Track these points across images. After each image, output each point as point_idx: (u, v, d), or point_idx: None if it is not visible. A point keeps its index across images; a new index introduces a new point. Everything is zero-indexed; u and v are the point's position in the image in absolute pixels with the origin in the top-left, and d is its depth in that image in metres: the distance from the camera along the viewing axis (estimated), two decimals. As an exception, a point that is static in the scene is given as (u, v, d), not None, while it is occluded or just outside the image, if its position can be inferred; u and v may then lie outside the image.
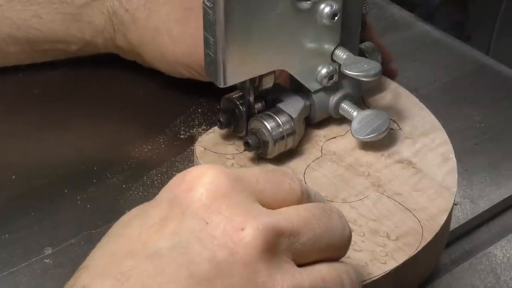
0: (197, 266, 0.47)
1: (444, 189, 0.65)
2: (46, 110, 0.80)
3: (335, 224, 0.52)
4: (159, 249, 0.48)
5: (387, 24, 0.94)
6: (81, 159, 0.75)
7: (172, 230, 0.48)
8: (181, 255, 0.48)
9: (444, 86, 0.84)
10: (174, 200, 0.50)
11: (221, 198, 0.49)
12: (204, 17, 0.62)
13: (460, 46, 0.91)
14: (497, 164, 0.76)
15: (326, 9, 0.65)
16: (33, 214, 0.70)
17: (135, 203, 0.69)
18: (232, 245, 0.48)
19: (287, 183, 0.52)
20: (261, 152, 0.67)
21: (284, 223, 0.49)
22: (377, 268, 0.59)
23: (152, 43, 0.77)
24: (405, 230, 0.62)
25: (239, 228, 0.48)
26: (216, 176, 0.50)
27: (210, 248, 0.48)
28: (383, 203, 0.64)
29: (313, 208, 0.52)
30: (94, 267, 0.49)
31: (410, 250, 0.60)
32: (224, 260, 0.47)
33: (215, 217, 0.48)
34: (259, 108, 0.68)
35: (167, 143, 0.76)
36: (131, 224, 0.50)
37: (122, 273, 0.47)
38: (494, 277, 0.67)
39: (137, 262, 0.48)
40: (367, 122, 0.68)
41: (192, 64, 0.76)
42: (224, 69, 0.63)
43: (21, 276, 0.65)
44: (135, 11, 0.77)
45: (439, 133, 0.70)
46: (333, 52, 0.67)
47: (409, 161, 0.68)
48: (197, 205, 0.49)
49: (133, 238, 0.49)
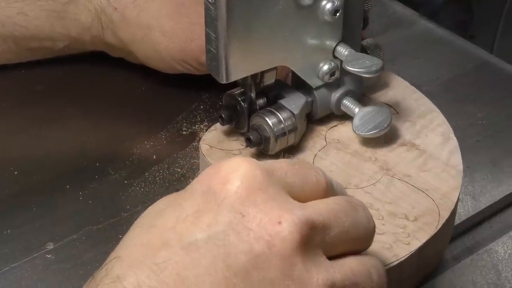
0: (234, 258, 0.48)
1: (451, 168, 0.67)
2: (48, 106, 0.80)
3: (361, 217, 0.53)
4: (195, 241, 0.48)
5: (390, 21, 0.94)
6: (83, 155, 0.75)
7: (207, 222, 0.49)
8: (217, 247, 0.48)
9: (447, 84, 0.84)
10: (209, 192, 0.50)
11: (256, 191, 0.49)
12: (206, 13, 0.62)
13: (463, 43, 0.91)
14: (499, 161, 0.76)
15: (327, 5, 0.65)
16: (35, 210, 0.70)
17: (137, 199, 0.70)
18: (269, 238, 0.48)
19: (313, 175, 0.53)
20: (263, 148, 0.67)
21: (316, 217, 0.50)
22: (402, 249, 0.60)
23: (145, 40, 0.77)
24: (422, 210, 0.63)
25: (275, 221, 0.48)
26: (251, 169, 0.50)
27: (246, 240, 0.48)
28: (395, 185, 0.65)
29: (341, 201, 0.52)
30: (127, 258, 0.49)
31: (430, 229, 0.62)
32: (261, 252, 0.48)
33: (251, 210, 0.49)
34: (260, 104, 0.68)
35: (169, 139, 0.77)
36: (163, 216, 0.50)
37: (157, 264, 0.48)
38: (495, 274, 0.67)
39: (172, 253, 0.48)
40: (368, 118, 0.68)
41: (187, 58, 0.76)
42: (225, 65, 0.63)
43: (23, 271, 0.65)
44: (124, 9, 0.77)
45: (435, 114, 0.71)
46: (335, 49, 0.67)
47: (412, 143, 0.69)
48: (233, 197, 0.49)
49: (167, 230, 0.49)
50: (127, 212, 0.70)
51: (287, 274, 0.48)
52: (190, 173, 0.73)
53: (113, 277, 0.48)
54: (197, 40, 0.75)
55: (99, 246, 0.67)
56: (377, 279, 0.53)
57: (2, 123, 0.79)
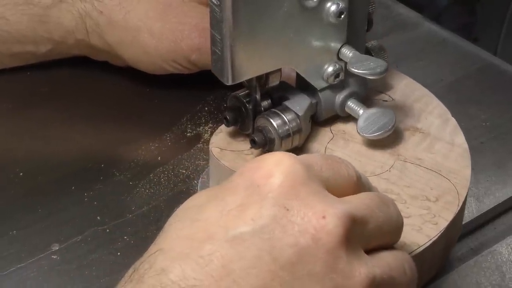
0: (280, 251, 0.48)
1: (457, 147, 0.68)
2: (53, 108, 0.80)
3: (392, 212, 0.54)
4: (240, 234, 0.49)
5: (394, 23, 0.94)
6: (88, 157, 0.75)
7: (252, 216, 0.49)
8: (263, 240, 0.48)
9: (450, 86, 0.85)
10: (252, 186, 0.50)
11: (299, 185, 0.50)
12: (211, 15, 0.62)
13: (467, 45, 0.91)
14: (502, 163, 0.76)
15: (332, 7, 0.65)
16: (40, 211, 0.70)
17: (142, 201, 0.71)
18: (314, 232, 0.49)
19: (344, 169, 0.54)
20: (267, 149, 0.67)
21: (356, 211, 0.51)
22: (431, 229, 0.61)
23: (133, 42, 0.77)
24: (440, 190, 0.65)
25: (320, 215, 0.49)
26: (293, 163, 0.51)
27: (291, 234, 0.49)
28: (409, 169, 0.66)
29: (374, 197, 0.54)
30: (171, 251, 0.49)
31: (453, 207, 0.63)
32: (306, 246, 0.49)
33: (295, 204, 0.50)
34: (265, 106, 0.68)
35: (174, 141, 0.77)
36: (206, 210, 0.51)
37: (202, 257, 0.48)
38: (499, 275, 0.67)
39: (217, 246, 0.48)
40: (373, 120, 0.68)
41: (177, 58, 0.76)
42: (230, 66, 0.63)
43: (29, 272, 0.65)
44: (110, 12, 0.77)
45: (429, 97, 0.73)
46: (339, 50, 0.68)
47: (414, 127, 0.70)
48: (277, 191, 0.50)
49: (211, 223, 0.50)
50: (132, 213, 0.70)
51: (332, 267, 0.49)
52: (195, 174, 0.73)
53: (157, 270, 0.49)
54: (186, 40, 0.75)
55: (104, 247, 0.67)
56: (410, 273, 0.54)
57: (7, 125, 0.79)
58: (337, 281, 0.49)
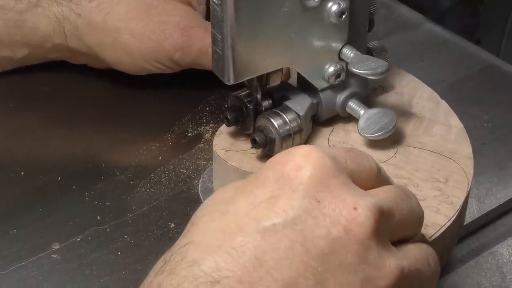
0: (312, 242, 0.49)
1: (453, 128, 0.70)
2: (55, 107, 0.81)
3: (414, 204, 0.55)
4: (272, 226, 0.49)
5: (395, 24, 0.94)
6: (89, 156, 0.75)
7: (283, 208, 0.50)
8: (295, 232, 0.49)
9: (452, 86, 0.85)
10: (282, 179, 0.51)
11: (329, 177, 0.51)
12: (212, 15, 0.62)
13: (468, 46, 0.91)
14: (504, 164, 0.76)
15: (333, 7, 0.65)
16: (41, 210, 0.70)
17: (143, 200, 0.71)
18: (345, 223, 0.49)
19: (366, 162, 0.54)
20: (268, 149, 0.67)
21: (383, 204, 0.51)
22: (448, 209, 0.62)
23: (115, 44, 0.77)
24: (448, 170, 0.66)
25: (351, 207, 0.50)
26: (321, 156, 0.51)
27: (323, 225, 0.49)
28: (414, 153, 0.67)
29: (398, 190, 0.54)
30: (202, 243, 0.50)
31: (463, 186, 0.65)
32: (338, 237, 0.49)
33: (326, 196, 0.50)
34: (266, 106, 0.68)
35: (175, 140, 0.77)
36: (235, 202, 0.51)
37: (235, 248, 0.49)
38: (500, 276, 0.67)
39: (249, 238, 0.49)
40: (374, 120, 0.68)
41: (160, 58, 0.76)
42: (231, 66, 0.63)
43: (29, 271, 0.65)
44: (89, 15, 0.77)
45: (415, 82, 0.74)
46: (341, 50, 0.68)
47: (409, 112, 0.71)
48: (308, 184, 0.50)
49: (241, 215, 0.50)
50: (132, 212, 0.70)
51: (363, 258, 0.50)
52: (196, 174, 0.73)
53: (189, 261, 0.49)
54: (169, 39, 0.75)
55: (104, 247, 0.67)
56: (434, 266, 0.55)
57: (9, 124, 0.79)
58: (368, 272, 0.50)
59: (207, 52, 0.76)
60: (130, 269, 0.65)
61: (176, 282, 0.48)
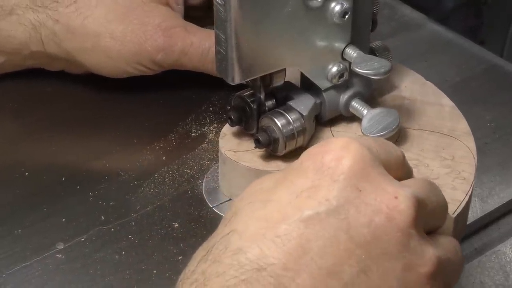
0: (355, 230, 0.49)
1: (445, 106, 0.72)
2: (59, 107, 0.81)
3: (441, 196, 0.55)
4: (316, 214, 0.50)
5: (398, 24, 0.94)
6: (93, 156, 0.75)
7: (325, 197, 0.50)
8: (339, 220, 0.50)
9: (455, 86, 0.85)
10: (322, 169, 0.51)
11: (368, 167, 0.51)
12: (216, 15, 0.62)
13: (471, 46, 0.91)
14: (507, 163, 0.76)
15: (336, 7, 0.65)
16: (45, 210, 0.70)
17: (146, 200, 0.71)
18: (388, 211, 0.50)
19: (393, 150, 0.55)
20: (271, 149, 0.67)
21: (418, 194, 0.52)
22: (462, 184, 0.64)
23: (95, 48, 0.76)
24: (451, 148, 0.67)
25: (392, 196, 0.51)
26: (360, 147, 0.52)
27: (366, 214, 0.50)
28: (415, 135, 0.69)
29: (426, 181, 0.55)
30: (246, 231, 0.50)
31: (470, 161, 0.66)
32: (381, 225, 0.50)
33: (367, 185, 0.51)
34: (269, 105, 0.68)
35: (179, 140, 0.77)
36: (277, 192, 0.52)
37: (279, 236, 0.49)
38: (503, 275, 0.67)
39: (293, 226, 0.49)
40: (377, 120, 0.68)
41: (142, 60, 0.76)
42: (235, 66, 0.63)
43: (33, 271, 0.65)
44: (68, 20, 0.76)
45: (397, 66, 0.75)
46: (344, 50, 0.68)
47: (400, 96, 0.73)
48: (349, 173, 0.51)
49: (283, 204, 0.51)
50: (136, 212, 0.70)
51: (405, 245, 0.50)
52: (200, 174, 0.73)
53: (233, 250, 0.49)
54: (150, 40, 0.75)
55: (108, 246, 0.67)
56: (460, 256, 0.55)
57: (13, 125, 0.79)
58: (409, 259, 0.50)
59: (189, 52, 0.76)
60: (134, 268, 0.65)
61: (221, 270, 0.49)
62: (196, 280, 0.49)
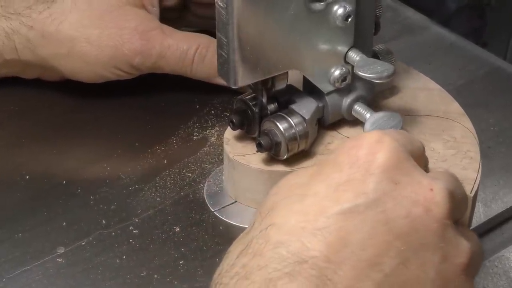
0: (394, 222, 0.50)
1: (433, 90, 0.73)
2: (59, 111, 0.81)
3: (463, 188, 0.56)
4: (354, 207, 0.50)
5: (401, 27, 0.94)
6: (94, 160, 0.75)
7: (362, 190, 0.51)
8: (377, 213, 0.50)
9: (458, 89, 0.84)
10: (357, 163, 0.52)
11: (402, 160, 0.53)
12: (217, 17, 0.62)
13: (475, 49, 0.91)
14: (510, 167, 0.76)
15: (339, 11, 0.65)
16: (46, 214, 0.70)
17: (148, 204, 0.71)
18: (424, 203, 0.51)
19: (416, 142, 0.56)
20: (274, 153, 0.67)
21: (449, 187, 0.53)
22: (471, 163, 0.66)
23: (71, 53, 0.76)
24: (450, 129, 0.69)
25: (428, 188, 0.52)
26: (393, 141, 0.53)
27: (404, 206, 0.51)
28: (412, 121, 0.70)
29: (451, 175, 0.56)
30: (285, 225, 0.51)
31: (471, 140, 0.68)
32: (419, 216, 0.51)
33: (403, 178, 0.52)
34: (272, 109, 0.68)
35: (180, 144, 0.77)
36: (313, 186, 0.52)
37: (319, 229, 0.50)
38: (507, 280, 0.67)
39: (332, 219, 0.50)
40: (380, 124, 0.68)
41: (119, 63, 0.76)
42: (237, 69, 0.63)
43: (34, 275, 0.65)
44: (42, 26, 0.76)
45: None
46: (346, 54, 0.67)
47: (396, 87, 0.73)
48: (384, 167, 0.52)
49: (321, 198, 0.51)
50: (138, 216, 0.70)
51: (442, 236, 0.51)
52: (201, 178, 0.73)
53: (274, 243, 0.50)
54: (127, 44, 0.75)
55: (109, 250, 0.67)
56: (482, 250, 0.56)
57: (13, 128, 0.79)
58: (446, 250, 0.51)
59: (166, 55, 0.76)
60: (135, 273, 0.65)
61: (263, 263, 0.49)
62: (237, 274, 0.50)
